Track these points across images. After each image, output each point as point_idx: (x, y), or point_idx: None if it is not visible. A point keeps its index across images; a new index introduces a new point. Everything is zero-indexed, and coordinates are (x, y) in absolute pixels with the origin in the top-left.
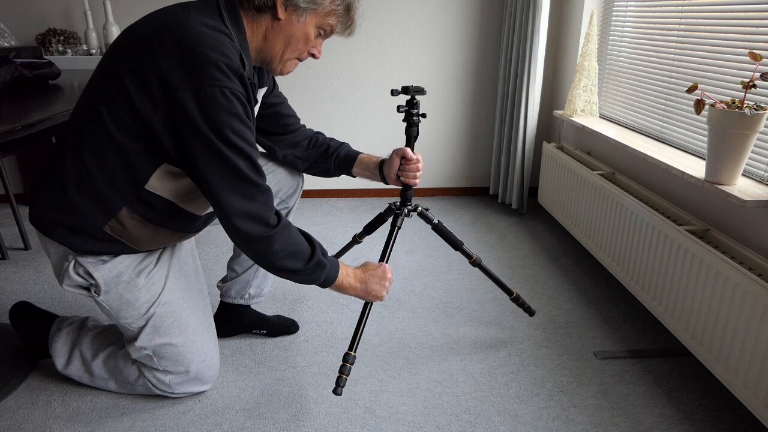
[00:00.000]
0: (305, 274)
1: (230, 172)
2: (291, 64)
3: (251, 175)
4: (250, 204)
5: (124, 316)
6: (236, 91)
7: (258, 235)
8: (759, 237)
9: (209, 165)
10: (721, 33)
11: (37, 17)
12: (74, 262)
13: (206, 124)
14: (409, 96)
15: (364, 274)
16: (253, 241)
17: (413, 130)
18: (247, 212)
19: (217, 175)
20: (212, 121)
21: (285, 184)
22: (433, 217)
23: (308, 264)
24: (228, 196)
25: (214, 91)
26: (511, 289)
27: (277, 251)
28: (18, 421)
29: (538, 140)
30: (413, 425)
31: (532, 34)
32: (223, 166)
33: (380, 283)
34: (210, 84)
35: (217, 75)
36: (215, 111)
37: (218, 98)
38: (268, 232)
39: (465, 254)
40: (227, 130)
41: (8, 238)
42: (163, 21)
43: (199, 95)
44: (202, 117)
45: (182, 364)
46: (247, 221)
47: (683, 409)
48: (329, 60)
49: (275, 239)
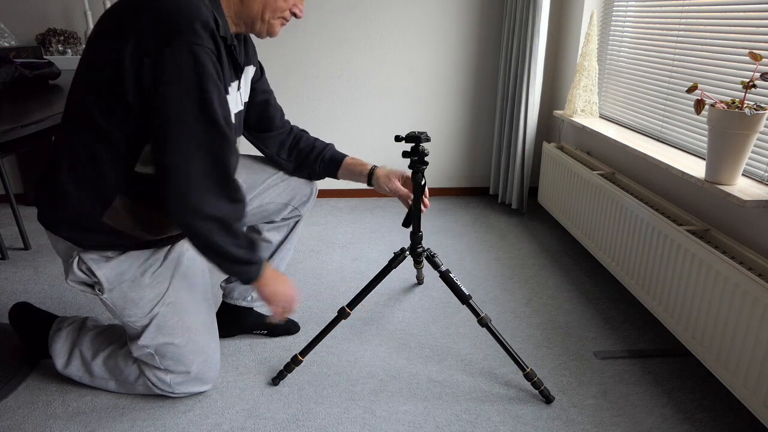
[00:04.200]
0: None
1: (192, 127)
2: (275, 24)
3: (215, 122)
4: (200, 182)
5: (128, 315)
6: (203, 47)
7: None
8: (759, 237)
9: (166, 120)
10: (721, 33)
11: (37, 17)
12: (78, 259)
13: (171, 77)
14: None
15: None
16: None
17: (419, 178)
18: (194, 196)
19: (174, 130)
20: (178, 74)
21: (299, 191)
22: (440, 263)
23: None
24: (178, 165)
25: (180, 47)
26: (524, 365)
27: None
28: (18, 421)
29: (538, 140)
30: (413, 425)
31: (532, 34)
32: (183, 121)
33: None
34: (177, 40)
35: (185, 31)
36: (182, 66)
37: (183, 53)
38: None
39: (473, 310)
40: (193, 85)
41: (8, 238)
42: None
43: (165, 52)
44: (168, 72)
45: (184, 364)
46: (189, 207)
47: (683, 409)
48: (329, 60)
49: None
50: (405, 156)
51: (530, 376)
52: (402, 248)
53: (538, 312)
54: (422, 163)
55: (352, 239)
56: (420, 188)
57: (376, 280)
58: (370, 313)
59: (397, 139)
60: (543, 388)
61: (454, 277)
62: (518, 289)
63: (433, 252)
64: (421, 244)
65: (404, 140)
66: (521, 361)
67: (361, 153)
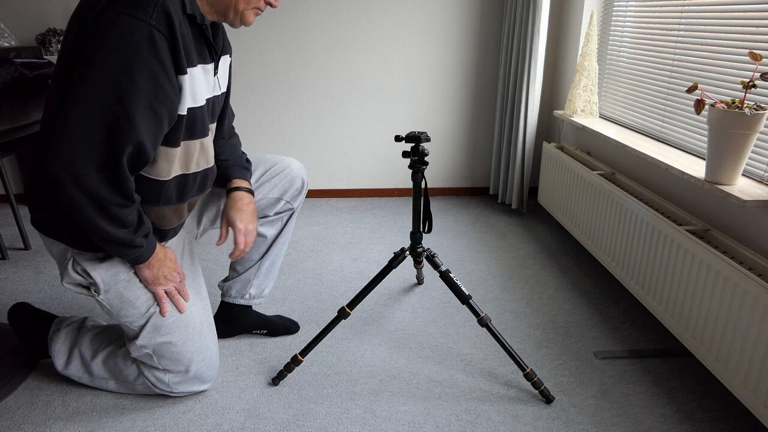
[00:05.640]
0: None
1: (93, 104)
2: (248, 15)
3: (122, 110)
4: (82, 156)
5: (125, 315)
6: (146, 22)
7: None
8: (759, 237)
9: (81, 80)
10: (721, 33)
11: (37, 17)
12: (73, 260)
13: (98, 43)
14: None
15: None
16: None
17: (419, 178)
18: (75, 167)
19: (78, 98)
20: (104, 43)
21: (290, 186)
22: (440, 263)
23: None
24: (72, 128)
25: (117, 16)
26: (524, 365)
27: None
28: (18, 421)
29: (538, 140)
30: (413, 425)
31: (532, 34)
32: (93, 87)
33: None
34: (116, 11)
35: (130, 4)
36: (113, 36)
37: (119, 24)
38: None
39: (473, 310)
40: (118, 58)
41: (8, 238)
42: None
43: (101, 19)
44: (97, 38)
45: (182, 364)
46: (68, 176)
47: (683, 409)
48: (329, 60)
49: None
50: (405, 156)
51: (530, 376)
52: (402, 248)
53: (538, 312)
54: (422, 163)
55: (352, 239)
56: (420, 188)
57: (376, 280)
58: (370, 313)
59: (397, 139)
60: (543, 388)
61: (454, 277)
62: (518, 289)
63: (433, 252)
64: (421, 244)
65: (404, 140)
66: (521, 361)
67: (361, 153)
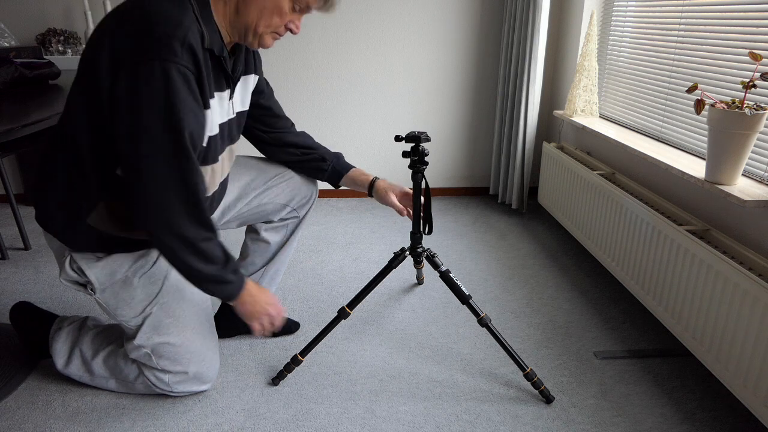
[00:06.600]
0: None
1: (158, 154)
2: (267, 38)
3: (182, 151)
4: (163, 203)
5: (121, 314)
6: (178, 64)
7: (169, 244)
8: (759, 237)
9: (130, 143)
10: (721, 33)
11: (37, 17)
12: (70, 258)
13: (137, 100)
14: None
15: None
16: (166, 249)
17: (419, 177)
18: (158, 215)
19: (135, 155)
20: (145, 96)
21: (299, 193)
22: (440, 263)
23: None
24: (143, 185)
25: (153, 65)
26: (524, 365)
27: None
28: (18, 421)
29: (538, 140)
30: (413, 425)
31: (532, 34)
32: (147, 147)
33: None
34: (148, 58)
35: (162, 49)
36: (150, 86)
37: (156, 72)
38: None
39: (473, 310)
40: (158, 108)
41: (8, 238)
42: (122, 5)
43: (138, 70)
44: (138, 90)
45: (181, 364)
46: (157, 225)
47: (683, 409)
48: (329, 60)
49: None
50: (405, 156)
51: (530, 376)
52: (402, 248)
53: (538, 312)
54: (422, 163)
55: (352, 239)
56: (420, 188)
57: (376, 279)
58: (370, 313)
59: (397, 139)
60: (543, 388)
61: (454, 277)
62: (518, 289)
63: (433, 252)
64: (421, 243)
65: (404, 140)
66: (521, 361)
67: (361, 153)
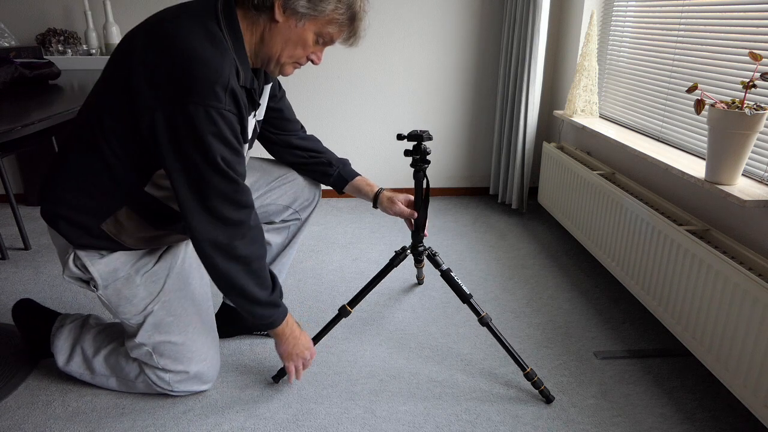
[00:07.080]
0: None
1: (205, 190)
2: (288, 68)
3: (229, 193)
4: (219, 229)
5: (122, 312)
6: (222, 110)
7: (222, 268)
8: (759, 237)
9: (183, 183)
10: (721, 33)
11: (37, 17)
12: (74, 255)
13: (185, 142)
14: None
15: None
16: (219, 271)
17: (420, 176)
18: (216, 241)
19: (189, 193)
20: (193, 139)
21: (301, 195)
22: (441, 262)
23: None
24: (199, 217)
25: (198, 109)
26: (524, 365)
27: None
28: (18, 421)
29: (538, 140)
30: (413, 425)
31: (532, 34)
32: (198, 185)
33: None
34: (194, 102)
35: (206, 94)
36: (198, 130)
37: (201, 117)
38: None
39: (473, 310)
40: (207, 150)
41: (8, 238)
42: (158, 30)
43: (184, 112)
44: (182, 134)
45: (181, 363)
46: (215, 250)
47: (683, 409)
48: (329, 60)
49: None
50: (407, 154)
51: (530, 376)
52: (403, 246)
53: (538, 312)
54: (424, 162)
55: (352, 239)
56: (422, 186)
57: (377, 278)
58: (370, 313)
59: (399, 137)
60: (543, 388)
61: (455, 276)
62: (518, 289)
63: (434, 251)
64: (422, 242)
65: (406, 138)
66: (521, 361)
67: (361, 152)
